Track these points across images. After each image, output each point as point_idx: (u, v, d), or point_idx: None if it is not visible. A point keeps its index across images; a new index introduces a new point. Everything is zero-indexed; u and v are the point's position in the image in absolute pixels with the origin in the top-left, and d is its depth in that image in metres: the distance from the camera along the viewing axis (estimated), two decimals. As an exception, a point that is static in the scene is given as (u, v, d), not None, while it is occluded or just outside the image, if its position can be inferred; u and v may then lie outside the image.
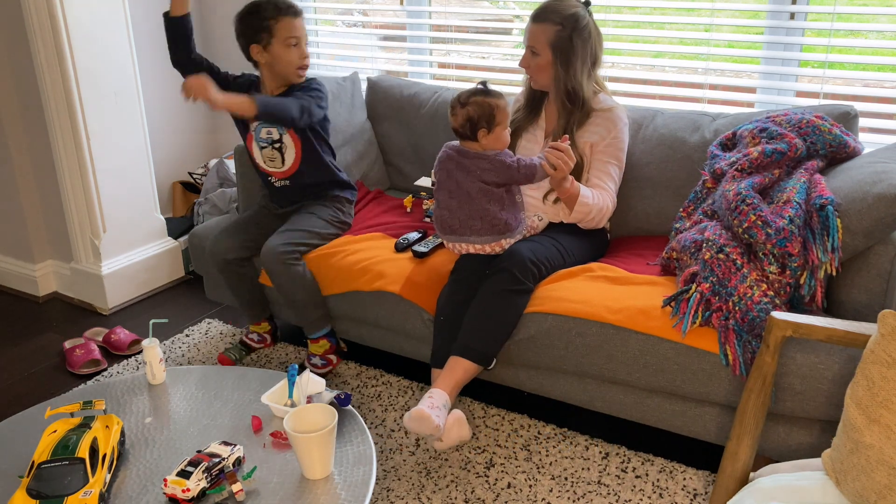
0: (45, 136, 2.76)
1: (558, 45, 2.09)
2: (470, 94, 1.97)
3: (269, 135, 2.28)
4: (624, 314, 1.81)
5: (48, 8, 2.52)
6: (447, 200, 2.02)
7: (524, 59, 2.17)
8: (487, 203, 1.97)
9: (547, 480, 1.89)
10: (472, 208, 1.98)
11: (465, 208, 1.99)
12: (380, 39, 3.29)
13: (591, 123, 2.16)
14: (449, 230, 2.04)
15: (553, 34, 2.08)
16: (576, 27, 2.08)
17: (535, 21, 2.11)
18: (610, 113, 2.17)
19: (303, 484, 1.41)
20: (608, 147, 2.16)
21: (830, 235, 1.69)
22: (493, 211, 1.97)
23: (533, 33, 2.11)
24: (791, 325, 1.42)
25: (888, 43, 2.29)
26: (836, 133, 1.94)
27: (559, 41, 2.08)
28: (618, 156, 2.18)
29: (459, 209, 1.99)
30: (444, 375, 1.87)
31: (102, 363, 2.48)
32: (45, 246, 3.00)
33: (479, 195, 1.97)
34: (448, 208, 2.02)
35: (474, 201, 1.97)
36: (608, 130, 2.16)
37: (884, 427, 1.14)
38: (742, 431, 1.49)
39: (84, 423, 1.44)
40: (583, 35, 2.09)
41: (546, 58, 2.11)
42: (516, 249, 1.98)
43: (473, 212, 1.98)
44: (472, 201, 1.98)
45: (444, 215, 2.03)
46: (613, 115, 2.17)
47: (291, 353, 2.50)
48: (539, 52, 2.11)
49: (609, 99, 2.22)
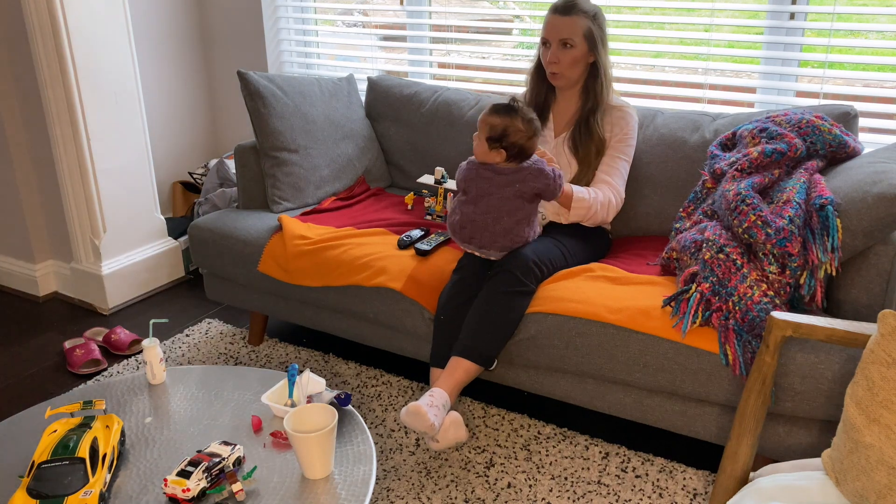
0: (45, 136, 2.76)
1: (591, 36, 2.12)
2: (528, 120, 1.96)
3: None
4: (624, 314, 1.81)
5: (48, 8, 2.52)
6: (472, 214, 1.99)
7: (553, 55, 2.15)
8: (515, 223, 1.97)
9: (547, 480, 1.89)
10: (497, 228, 1.97)
11: (490, 226, 1.97)
12: (380, 39, 3.29)
13: (604, 120, 2.21)
14: (468, 240, 2.02)
15: (586, 25, 2.11)
16: (600, 16, 2.15)
17: (565, 14, 2.11)
18: (622, 111, 2.23)
19: (303, 484, 1.41)
20: (619, 143, 2.20)
21: (830, 235, 1.69)
22: (518, 230, 1.98)
23: (564, 27, 2.11)
24: (791, 325, 1.42)
25: (888, 43, 2.29)
26: (836, 133, 1.94)
27: (591, 31, 2.12)
28: (627, 151, 2.22)
29: (484, 227, 1.97)
30: (444, 375, 1.87)
31: (102, 363, 2.48)
32: (45, 246, 3.00)
33: (507, 214, 1.96)
34: (472, 221, 1.99)
35: (500, 221, 1.96)
36: (621, 128, 2.20)
37: (884, 427, 1.14)
38: (742, 431, 1.49)
39: (84, 423, 1.44)
40: (604, 27, 2.16)
41: (581, 49, 2.13)
42: (519, 250, 1.99)
43: (498, 230, 1.97)
44: (498, 221, 1.96)
45: (466, 227, 2.00)
46: (626, 112, 2.23)
47: (291, 353, 2.50)
48: (574, 45, 2.12)
49: (618, 97, 2.27)
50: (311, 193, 2.55)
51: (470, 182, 2.00)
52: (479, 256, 2.04)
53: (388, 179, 2.87)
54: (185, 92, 3.38)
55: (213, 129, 3.56)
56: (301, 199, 2.52)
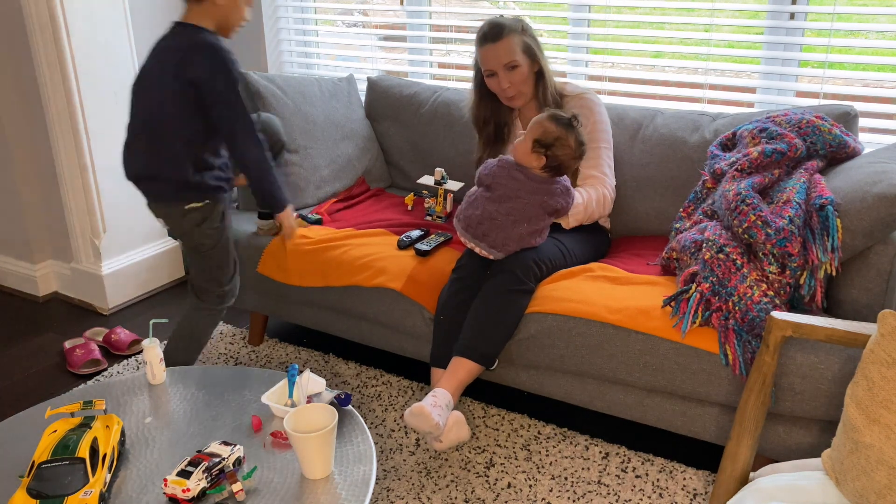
0: (45, 136, 2.76)
1: (529, 48, 2.14)
2: (580, 143, 1.98)
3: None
4: (624, 314, 1.81)
5: (48, 8, 2.52)
6: (494, 210, 1.96)
7: (503, 82, 2.14)
8: (531, 232, 1.97)
9: (547, 480, 1.89)
10: (513, 232, 1.96)
11: (507, 229, 1.96)
12: (380, 39, 3.29)
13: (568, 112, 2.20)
14: (481, 236, 1.99)
15: (520, 41, 2.12)
16: (526, 26, 2.16)
17: (496, 40, 2.11)
18: (583, 99, 2.22)
19: (303, 484, 1.41)
20: (592, 132, 2.19)
21: (830, 235, 1.68)
22: (530, 238, 1.98)
23: (503, 52, 2.11)
24: (791, 325, 1.42)
25: (888, 43, 2.29)
26: (836, 133, 1.94)
27: (527, 44, 2.13)
28: (604, 137, 2.22)
29: (501, 227, 1.96)
30: (447, 376, 1.87)
31: (102, 363, 2.48)
32: (45, 246, 3.00)
33: (527, 222, 1.96)
34: (491, 218, 1.96)
35: (518, 226, 1.96)
36: (587, 116, 2.20)
37: (884, 427, 1.14)
38: (742, 431, 1.49)
39: (84, 423, 1.44)
40: (532, 32, 2.17)
41: (526, 65, 2.14)
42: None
43: (513, 235, 1.96)
44: (517, 225, 1.96)
45: (483, 223, 1.97)
46: (587, 99, 2.22)
47: (291, 353, 2.50)
48: (519, 63, 2.13)
49: (575, 86, 2.27)
50: (312, 194, 2.55)
51: (498, 179, 1.99)
52: (479, 255, 2.04)
53: (389, 180, 2.87)
54: (185, 92, 3.38)
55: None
56: (301, 199, 2.52)
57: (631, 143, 2.34)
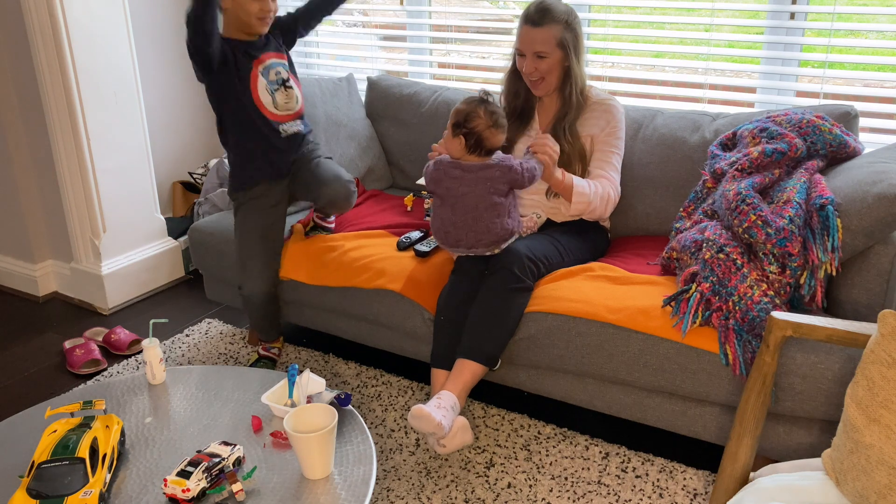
0: (45, 136, 2.76)
1: (565, 43, 2.11)
2: (491, 112, 1.94)
3: (279, 75, 2.19)
4: (624, 314, 1.81)
5: (48, 8, 2.52)
6: (451, 217, 1.98)
7: (528, 66, 2.14)
8: (495, 217, 1.96)
9: (547, 480, 1.89)
10: (479, 226, 1.96)
11: (471, 226, 1.96)
12: (380, 39, 3.29)
13: (589, 116, 2.21)
14: (454, 244, 2.02)
15: (559, 34, 2.10)
16: (573, 20, 2.13)
17: (537, 25, 2.09)
18: (606, 105, 2.22)
19: (303, 484, 1.41)
20: (608, 136, 2.20)
21: (830, 235, 1.68)
22: (498, 223, 1.97)
23: (538, 38, 2.10)
24: (791, 325, 1.42)
25: (888, 43, 2.29)
26: (837, 133, 1.94)
27: (565, 39, 2.11)
28: (618, 145, 2.22)
29: (465, 227, 1.97)
30: (451, 378, 1.87)
31: (102, 363, 2.48)
32: (45, 246, 3.00)
33: (486, 211, 1.95)
34: (453, 224, 1.98)
35: (481, 219, 1.96)
36: (607, 122, 2.20)
37: (884, 427, 1.14)
38: (742, 431, 1.49)
39: (84, 423, 1.44)
40: (578, 29, 2.14)
41: (556, 58, 2.12)
42: (514, 248, 1.99)
43: (480, 229, 1.96)
44: (479, 220, 1.96)
45: (450, 231, 2.00)
46: (610, 105, 2.22)
47: (291, 353, 2.50)
48: (548, 55, 2.11)
49: (601, 91, 2.27)
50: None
51: (439, 183, 1.99)
52: (473, 256, 2.04)
53: (390, 180, 2.87)
54: (185, 92, 3.37)
55: (213, 128, 3.55)
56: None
57: (631, 143, 2.34)
